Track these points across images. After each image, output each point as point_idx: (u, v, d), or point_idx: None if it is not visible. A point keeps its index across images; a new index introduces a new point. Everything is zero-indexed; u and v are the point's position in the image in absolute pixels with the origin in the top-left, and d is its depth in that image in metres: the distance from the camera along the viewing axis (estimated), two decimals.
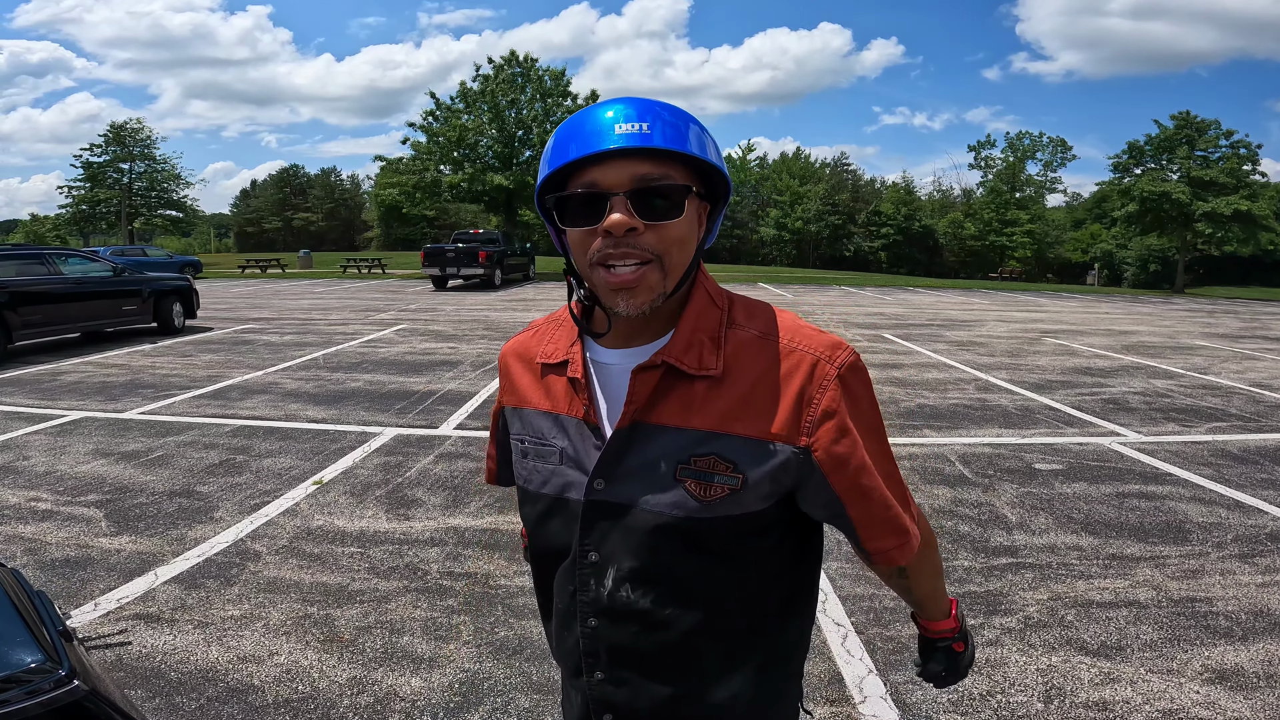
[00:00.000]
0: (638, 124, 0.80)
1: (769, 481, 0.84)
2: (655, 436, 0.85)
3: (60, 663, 1.44)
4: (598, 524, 0.88)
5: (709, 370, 0.85)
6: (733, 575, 0.89)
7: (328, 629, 2.64)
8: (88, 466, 4.39)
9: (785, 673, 0.98)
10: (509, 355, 1.02)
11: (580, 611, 0.92)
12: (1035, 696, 2.27)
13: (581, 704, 0.98)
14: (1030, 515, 3.78)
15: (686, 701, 0.92)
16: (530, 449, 0.95)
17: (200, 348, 9.18)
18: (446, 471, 4.36)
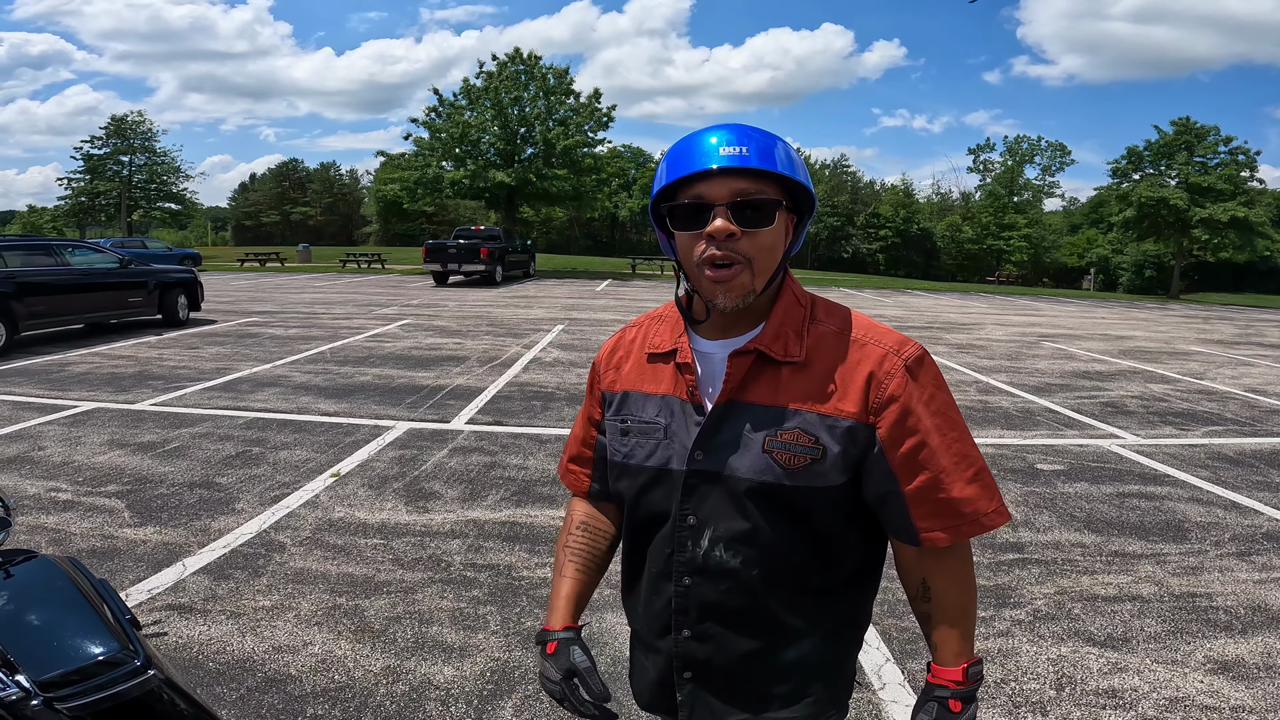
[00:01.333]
0: (738, 147, 0.94)
1: (842, 454, 0.97)
2: (747, 413, 0.99)
3: (136, 651, 1.50)
4: (697, 490, 1.01)
5: (793, 357, 0.99)
6: (812, 543, 1.01)
7: (358, 619, 2.70)
8: (105, 457, 4.44)
9: (850, 639, 1.09)
10: (621, 342, 1.16)
11: (676, 571, 1.04)
12: (1047, 684, 2.36)
13: (663, 663, 1.09)
14: (1034, 513, 3.87)
15: (761, 659, 1.04)
16: (633, 427, 1.07)
17: (206, 340, 9.22)
18: (461, 465, 4.44)
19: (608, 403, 1.13)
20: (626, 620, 1.22)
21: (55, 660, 1.42)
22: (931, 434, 0.96)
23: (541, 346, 9.30)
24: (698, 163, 0.95)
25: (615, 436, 1.10)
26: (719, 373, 1.01)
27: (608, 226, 59.04)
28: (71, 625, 1.52)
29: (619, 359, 1.14)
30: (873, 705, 2.25)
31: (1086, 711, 2.22)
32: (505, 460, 4.56)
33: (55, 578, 1.61)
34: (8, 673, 1.39)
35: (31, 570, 1.62)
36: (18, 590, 1.57)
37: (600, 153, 33.25)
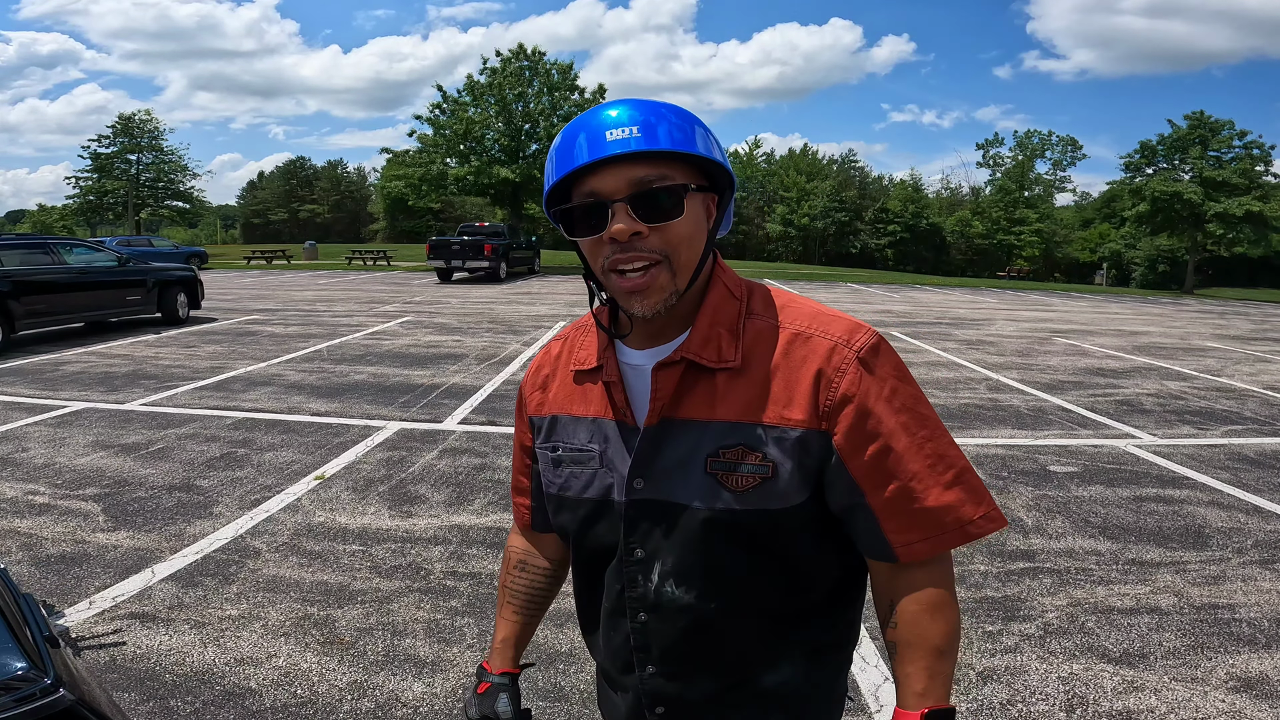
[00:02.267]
0: (628, 129, 0.79)
1: (797, 469, 0.82)
2: (684, 431, 0.85)
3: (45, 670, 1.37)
4: (640, 522, 0.89)
5: (728, 362, 0.84)
6: (775, 569, 0.88)
7: (328, 630, 2.58)
8: (87, 459, 4.34)
9: (835, 660, 0.96)
10: (545, 361, 1.01)
11: (629, 608, 0.92)
12: (1058, 705, 2.20)
13: (632, 700, 0.97)
14: (1047, 519, 3.69)
15: (737, 689, 0.93)
16: (565, 456, 0.94)
17: (204, 338, 9.14)
18: (450, 467, 4.30)
19: (536, 428, 0.98)
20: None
21: None
22: (897, 435, 0.81)
23: (542, 343, 9.14)
24: (584, 153, 0.79)
25: (548, 467, 0.96)
26: (643, 385, 0.88)
27: None
28: None
29: (544, 378, 0.99)
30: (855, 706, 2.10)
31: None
32: (496, 462, 4.42)
33: None
34: None
35: None
36: None
37: None
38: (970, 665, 2.40)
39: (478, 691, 1.07)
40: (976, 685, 2.30)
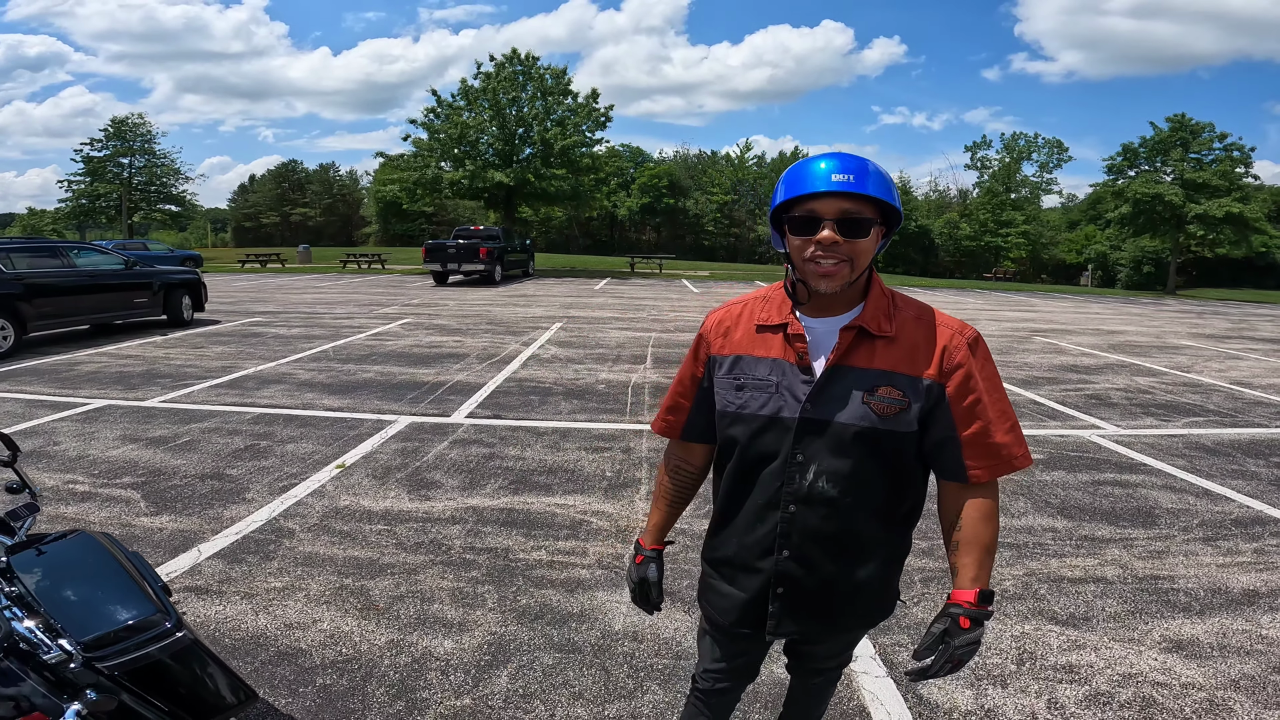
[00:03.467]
0: (846, 175, 1.23)
1: (920, 404, 1.28)
2: (850, 373, 1.30)
3: (168, 614, 1.69)
4: (806, 434, 1.31)
5: (886, 333, 1.30)
6: (892, 478, 1.33)
7: (363, 598, 2.85)
8: (118, 451, 4.60)
9: (898, 567, 1.46)
10: (727, 318, 1.44)
11: (784, 500, 1.35)
12: (1009, 659, 2.52)
13: (760, 582, 1.41)
14: (1010, 500, 4.03)
15: (841, 577, 1.38)
16: (748, 383, 1.37)
17: (211, 340, 9.38)
18: (461, 456, 4.60)
19: (718, 364, 1.42)
20: (704, 555, 1.53)
21: (95, 624, 1.60)
22: (984, 393, 1.29)
23: (540, 344, 9.45)
24: (812, 185, 1.24)
25: (729, 391, 1.39)
26: (822, 342, 1.32)
27: (607, 225, 59.08)
28: (109, 592, 1.70)
29: (726, 328, 1.43)
30: (845, 677, 2.38)
31: (1043, 685, 2.36)
32: (503, 451, 4.73)
33: (95, 551, 1.79)
34: (52, 637, 1.57)
35: (73, 544, 1.80)
36: (62, 562, 1.75)
37: (598, 152, 33.37)
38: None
39: (635, 562, 1.60)
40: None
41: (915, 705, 2.24)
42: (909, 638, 2.63)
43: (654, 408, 6.01)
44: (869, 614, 1.47)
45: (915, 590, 2.98)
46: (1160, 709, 2.25)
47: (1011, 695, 2.29)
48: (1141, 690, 2.35)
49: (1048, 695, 2.30)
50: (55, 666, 1.55)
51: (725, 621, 1.49)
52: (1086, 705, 2.25)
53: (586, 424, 5.50)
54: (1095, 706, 2.24)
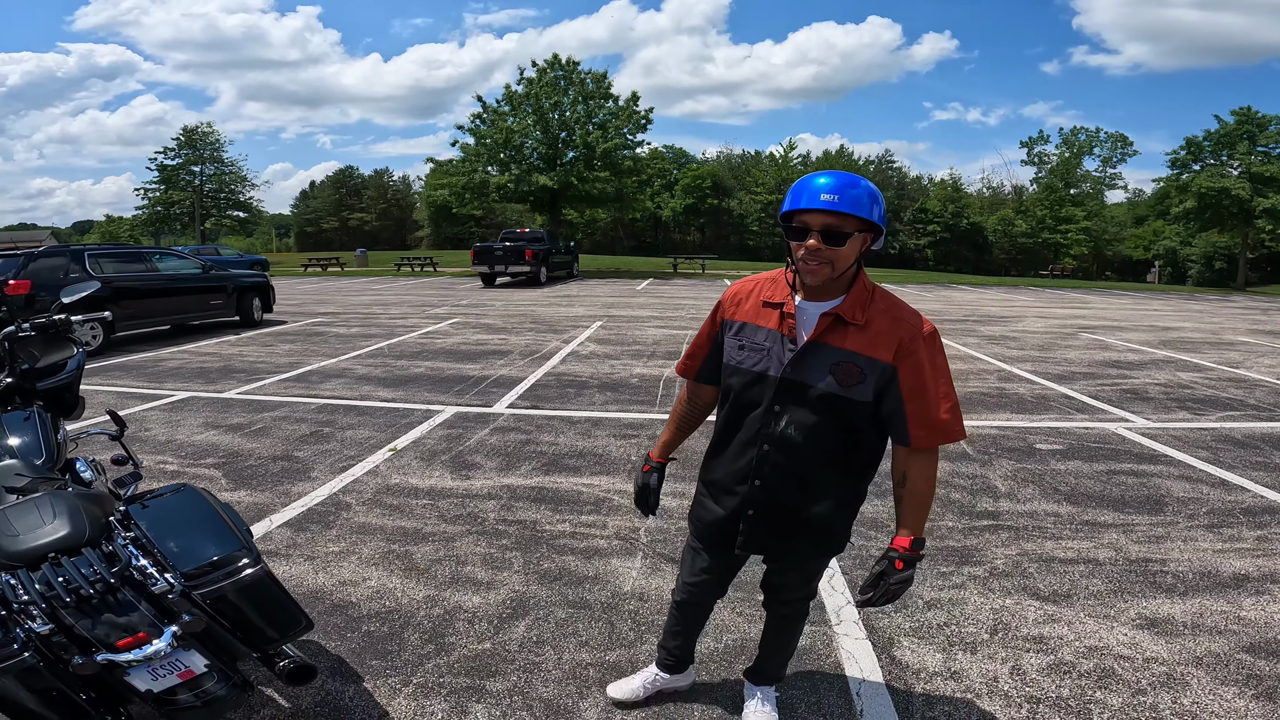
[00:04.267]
0: (833, 195, 1.55)
1: (874, 381, 1.62)
2: (824, 349, 1.66)
3: (251, 550, 2.08)
4: (784, 391, 1.69)
5: (857, 321, 1.64)
6: (845, 435, 1.69)
7: (407, 561, 3.23)
8: (201, 436, 5.17)
9: (850, 512, 1.82)
10: (740, 292, 1.83)
11: (760, 440, 1.74)
12: (983, 629, 2.70)
13: (736, 503, 1.80)
14: (1019, 486, 4.18)
15: (799, 508, 1.75)
16: (746, 344, 1.76)
17: (279, 338, 10.12)
18: (500, 442, 5.00)
19: (729, 326, 1.81)
20: (700, 476, 1.94)
21: (192, 559, 1.99)
22: (928, 378, 1.62)
23: (579, 341, 9.86)
24: (804, 201, 1.58)
25: (733, 349, 1.79)
26: (809, 321, 1.69)
27: (651, 227, 59.44)
28: (205, 534, 2.09)
29: (739, 300, 1.82)
30: (827, 637, 2.62)
31: (1011, 653, 2.53)
32: (539, 438, 5.11)
33: (195, 500, 2.19)
34: (159, 571, 1.96)
35: (178, 496, 2.20)
36: (169, 510, 2.16)
37: (641, 154, 33.75)
38: (919, 596, 2.93)
39: (642, 470, 2.02)
40: (921, 610, 2.83)
41: (887, 664, 2.46)
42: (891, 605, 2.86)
43: None
44: (821, 545, 1.84)
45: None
46: (1116, 679, 2.38)
47: (979, 661, 2.49)
48: (1104, 662, 2.48)
49: (1013, 662, 2.47)
50: (160, 595, 1.95)
51: (706, 534, 1.91)
52: (1047, 673, 2.41)
53: (618, 414, 5.84)
54: (1055, 675, 2.40)
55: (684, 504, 3.86)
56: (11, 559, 1.91)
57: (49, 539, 1.93)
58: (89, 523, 2.02)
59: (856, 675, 2.39)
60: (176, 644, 1.87)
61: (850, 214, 1.54)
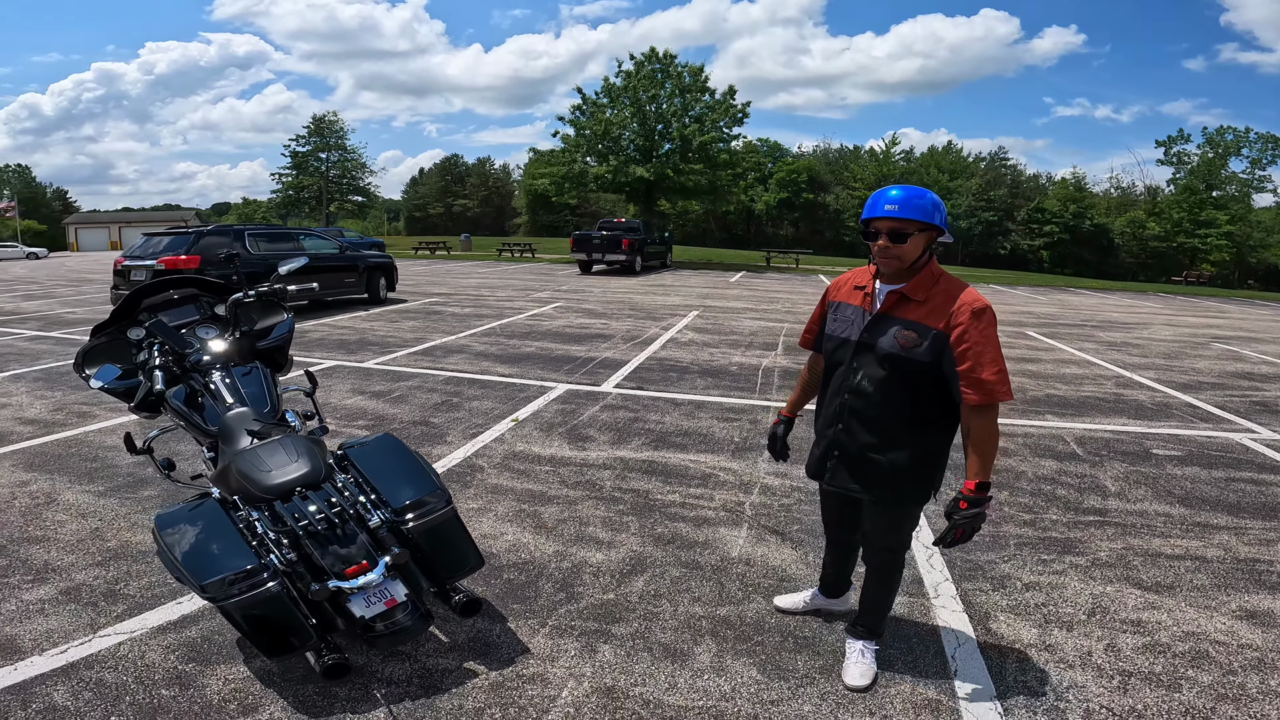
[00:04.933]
0: (893, 205, 2.01)
1: (930, 346, 2.03)
2: (890, 319, 2.11)
3: (444, 493, 2.43)
4: (859, 351, 2.16)
5: (919, 297, 2.07)
6: (908, 388, 2.09)
7: (536, 520, 3.60)
8: (350, 401, 5.86)
9: (924, 462, 2.17)
10: (841, 280, 2.35)
11: (843, 390, 2.21)
12: (1081, 610, 2.81)
13: (825, 445, 2.29)
14: (1130, 488, 4.15)
15: (873, 452, 2.16)
16: (839, 318, 2.27)
17: (403, 316, 11.02)
18: (611, 418, 5.39)
19: (832, 306, 2.33)
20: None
21: (400, 497, 2.35)
22: (974, 345, 1.98)
23: (678, 329, 10.18)
24: (874, 211, 2.07)
25: (831, 322, 2.31)
26: (881, 298, 2.15)
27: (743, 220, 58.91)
28: (408, 475, 2.46)
29: (839, 286, 2.34)
30: (925, 608, 2.81)
31: (1107, 633, 2.64)
32: (646, 416, 5.47)
33: (397, 446, 2.58)
34: (374, 507, 2.33)
35: (382, 442, 2.60)
36: (376, 454, 2.54)
37: (736, 147, 33.58)
38: (1018, 578, 3.06)
39: (773, 423, 2.55)
40: (1019, 590, 2.96)
41: (983, 634, 2.62)
42: (988, 582, 3.01)
43: (782, 389, 6.50)
44: (895, 488, 2.17)
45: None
46: (1209, 661, 2.47)
47: (1074, 637, 2.61)
48: (1199, 646, 2.56)
49: (1108, 641, 2.59)
50: (375, 529, 2.31)
51: (813, 472, 2.39)
52: (1141, 651, 2.52)
53: (719, 398, 6.12)
54: (1149, 654, 2.51)
55: (785, 484, 4.11)
56: (266, 492, 2.27)
57: (295, 475, 2.30)
58: (322, 462, 2.42)
59: (952, 642, 2.58)
60: (387, 574, 2.20)
61: (911, 219, 1.99)
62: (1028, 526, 3.59)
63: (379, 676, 2.31)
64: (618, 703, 2.20)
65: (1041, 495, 4.03)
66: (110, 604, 2.72)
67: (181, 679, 2.29)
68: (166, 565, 2.18)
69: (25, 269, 29.35)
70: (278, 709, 2.15)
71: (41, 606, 2.69)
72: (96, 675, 2.30)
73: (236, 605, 2.05)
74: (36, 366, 7.16)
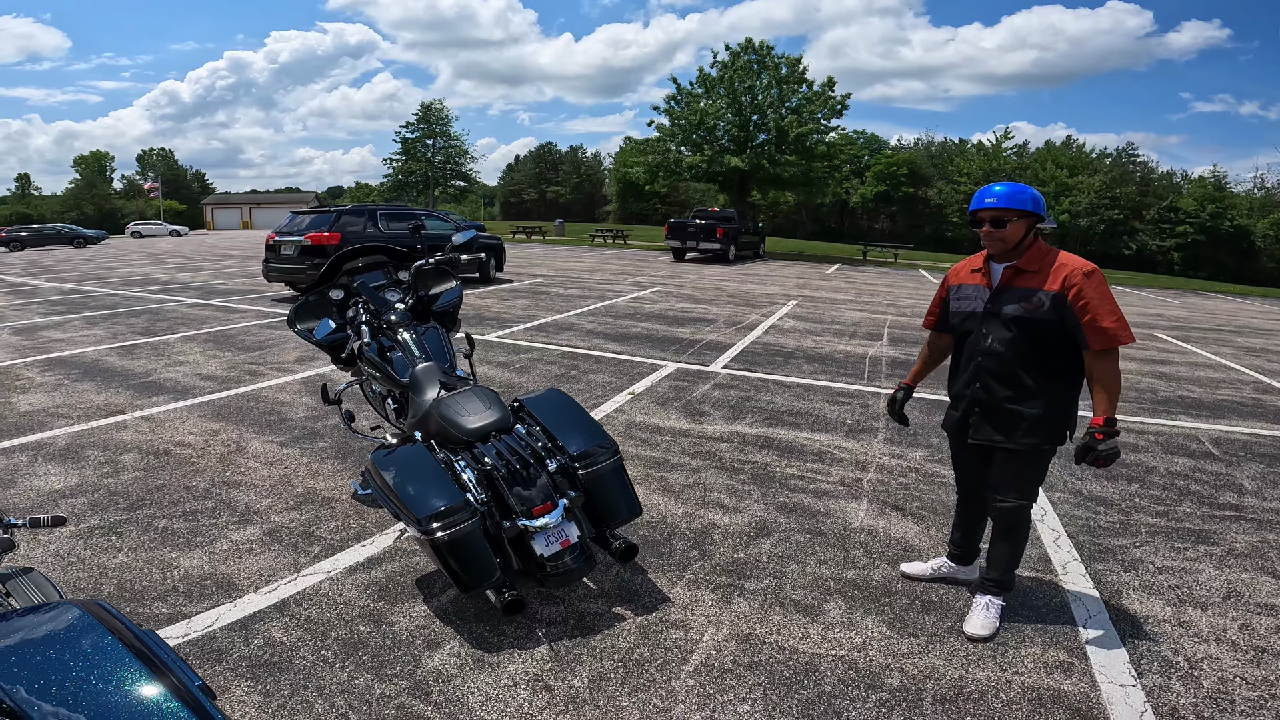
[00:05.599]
0: (994, 197, 2.41)
1: (1051, 307, 2.34)
2: (1010, 290, 2.45)
3: (611, 442, 2.65)
4: (987, 318, 2.48)
5: (1032, 269, 2.41)
6: (1035, 345, 2.39)
7: (664, 484, 3.84)
8: (483, 369, 6.33)
9: (1055, 408, 2.41)
10: (958, 268, 2.66)
11: (978, 354, 2.51)
12: (1215, 593, 2.81)
13: (965, 404, 2.56)
14: (1268, 487, 4.00)
15: (1009, 404, 2.45)
16: (962, 297, 2.59)
17: (512, 294, 11.63)
18: (723, 396, 5.61)
19: (953, 290, 2.64)
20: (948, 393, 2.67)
21: (576, 444, 2.60)
22: (1090, 299, 2.27)
23: (778, 316, 10.25)
24: (977, 204, 2.45)
25: (955, 301, 2.62)
26: (998, 275, 2.48)
27: (836, 212, 57.31)
28: (580, 425, 2.71)
29: (957, 272, 2.66)
30: (1052, 584, 2.88)
31: (1241, 614, 2.65)
32: (756, 396, 5.65)
33: (565, 399, 2.84)
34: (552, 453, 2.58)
35: (551, 395, 2.87)
36: (550, 404, 2.80)
37: (833, 139, 32.77)
38: (1149, 562, 3.07)
39: (895, 391, 2.82)
40: (1152, 573, 2.98)
41: (1114, 611, 2.68)
42: (1119, 564, 3.04)
43: (890, 377, 6.51)
44: (1036, 435, 2.40)
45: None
46: None
47: (1209, 616, 2.64)
48: None
49: (1243, 621, 2.61)
50: (554, 472, 2.57)
51: (952, 430, 2.63)
52: (1276, 632, 2.53)
53: (827, 383, 6.22)
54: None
55: (903, 464, 4.21)
56: (467, 435, 2.55)
57: (491, 420, 2.59)
58: (509, 411, 2.72)
59: (1083, 613, 2.66)
60: (565, 515, 2.40)
61: (1010, 208, 2.34)
62: (1160, 517, 3.55)
63: (539, 618, 2.54)
64: (755, 648, 2.40)
65: (1175, 489, 3.95)
66: (308, 545, 3.03)
67: (374, 616, 2.51)
68: (382, 500, 2.43)
69: (171, 244, 32.55)
70: (456, 644, 2.37)
71: (250, 547, 3.00)
72: (305, 612, 2.52)
73: (445, 540, 2.26)
74: (204, 330, 8.11)
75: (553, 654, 2.34)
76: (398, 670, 2.25)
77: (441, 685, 2.18)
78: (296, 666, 2.24)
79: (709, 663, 2.32)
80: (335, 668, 2.24)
